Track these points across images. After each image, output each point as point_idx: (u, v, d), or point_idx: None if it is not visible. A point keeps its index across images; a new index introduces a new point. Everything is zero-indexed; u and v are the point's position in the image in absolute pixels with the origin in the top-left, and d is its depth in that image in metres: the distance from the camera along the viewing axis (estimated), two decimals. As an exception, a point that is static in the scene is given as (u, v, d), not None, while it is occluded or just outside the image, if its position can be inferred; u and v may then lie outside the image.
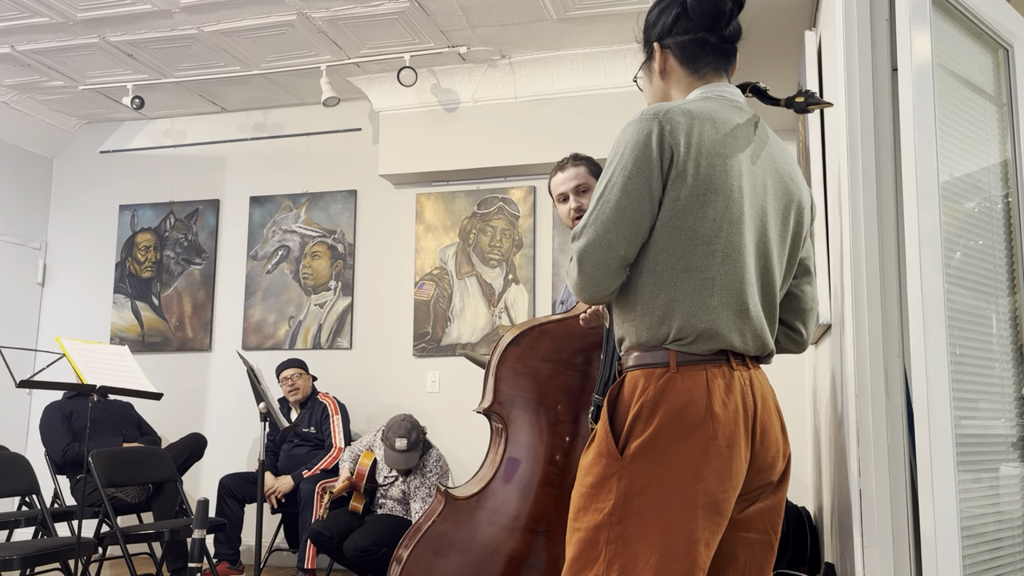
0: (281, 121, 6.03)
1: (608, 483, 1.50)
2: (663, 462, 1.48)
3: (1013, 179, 2.28)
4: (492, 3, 4.55)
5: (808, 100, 1.66)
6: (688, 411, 1.49)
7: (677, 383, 1.50)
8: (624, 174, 1.53)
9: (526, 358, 2.31)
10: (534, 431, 2.27)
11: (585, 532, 1.51)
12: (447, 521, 2.27)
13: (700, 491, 1.47)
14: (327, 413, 5.01)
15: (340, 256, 5.74)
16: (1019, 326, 2.21)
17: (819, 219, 2.93)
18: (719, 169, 1.53)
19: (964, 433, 1.89)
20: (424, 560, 2.26)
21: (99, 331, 6.11)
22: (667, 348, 1.53)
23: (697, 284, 1.53)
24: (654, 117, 1.53)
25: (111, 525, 4.12)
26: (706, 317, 1.52)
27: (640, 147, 1.52)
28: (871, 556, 1.95)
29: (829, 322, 2.68)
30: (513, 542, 2.21)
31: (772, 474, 1.60)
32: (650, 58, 1.73)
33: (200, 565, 2.85)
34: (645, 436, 1.49)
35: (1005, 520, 2.05)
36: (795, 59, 3.92)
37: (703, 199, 1.52)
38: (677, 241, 1.53)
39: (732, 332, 1.54)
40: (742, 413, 1.53)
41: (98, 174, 6.35)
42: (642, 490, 1.47)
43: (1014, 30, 2.32)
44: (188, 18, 4.75)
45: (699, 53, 1.67)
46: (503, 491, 2.27)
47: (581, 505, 1.53)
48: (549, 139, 5.20)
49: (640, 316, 1.56)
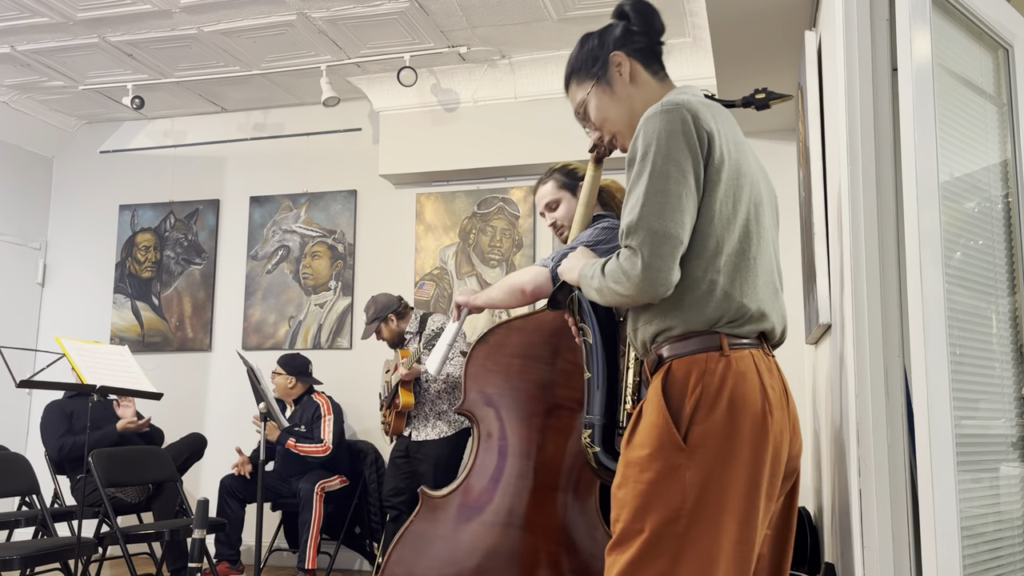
0: (281, 121, 6.03)
1: (674, 475, 1.45)
2: (729, 448, 1.45)
3: (1013, 179, 2.28)
4: (492, 3, 4.55)
5: (769, 96, 1.71)
6: (749, 396, 1.48)
7: (734, 367, 1.49)
8: (670, 162, 1.51)
9: (495, 355, 2.33)
10: (507, 426, 2.29)
11: (650, 532, 1.45)
12: (424, 520, 2.31)
13: (763, 476, 1.47)
14: (319, 412, 4.98)
15: (340, 256, 5.74)
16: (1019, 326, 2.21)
17: (819, 219, 2.93)
18: (744, 155, 1.59)
19: (964, 433, 1.89)
20: (405, 559, 2.29)
21: (99, 331, 6.11)
22: (717, 332, 1.51)
23: (743, 266, 1.54)
24: (677, 107, 1.53)
25: (111, 525, 4.12)
26: (755, 298, 1.54)
27: (678, 135, 1.51)
28: (871, 556, 1.95)
29: (829, 322, 2.68)
30: (490, 536, 2.24)
31: (798, 461, 1.61)
32: (605, 73, 1.75)
33: (200, 565, 2.85)
34: (709, 422, 1.46)
35: (1005, 520, 2.05)
36: (795, 59, 3.92)
37: (738, 183, 1.56)
38: (721, 225, 1.53)
39: (774, 313, 1.58)
40: (783, 397, 1.55)
41: (98, 174, 6.35)
42: (709, 479, 1.44)
43: (1014, 30, 2.32)
44: (188, 18, 4.75)
45: (652, 57, 1.75)
46: (478, 487, 2.30)
47: (642, 504, 1.46)
48: (549, 139, 5.20)
49: (688, 303, 1.53)
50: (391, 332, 4.59)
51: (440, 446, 4.45)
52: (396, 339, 4.62)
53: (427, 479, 4.41)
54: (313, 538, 4.63)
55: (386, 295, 4.61)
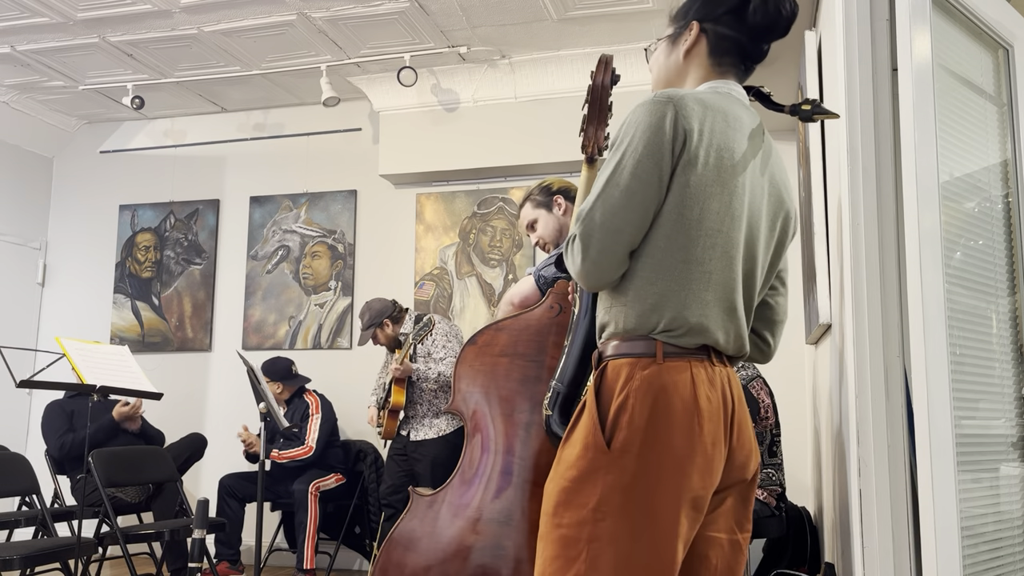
0: (281, 121, 6.03)
1: (594, 477, 1.45)
2: (650, 456, 1.44)
3: (1013, 179, 2.28)
4: (492, 3, 4.55)
5: (815, 109, 1.63)
6: (675, 405, 1.45)
7: (663, 375, 1.47)
8: (635, 157, 1.49)
9: (483, 355, 2.39)
10: (494, 424, 2.34)
11: (567, 528, 1.45)
12: (414, 519, 2.36)
13: (686, 487, 1.44)
14: (308, 412, 4.98)
15: (340, 256, 5.74)
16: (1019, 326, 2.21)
17: (819, 219, 2.93)
18: (727, 163, 1.51)
19: (964, 433, 1.89)
20: (395, 557, 2.34)
21: (99, 331, 6.11)
22: (653, 338, 1.49)
23: (695, 277, 1.50)
24: (668, 100, 1.50)
25: (111, 525, 4.12)
26: (699, 311, 1.49)
27: (652, 129, 1.49)
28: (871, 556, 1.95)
29: (829, 322, 2.68)
30: (478, 532, 2.28)
31: (746, 472, 1.58)
32: (680, 33, 1.69)
33: (200, 565, 2.85)
34: (632, 429, 1.44)
35: (1005, 520, 2.05)
36: (795, 59, 3.93)
37: (709, 191, 1.49)
38: (680, 230, 1.49)
39: (719, 329, 1.52)
40: (722, 409, 1.50)
41: (98, 174, 6.35)
42: (629, 485, 1.43)
43: (1014, 30, 2.32)
44: (188, 18, 4.75)
45: (730, 52, 1.65)
46: (467, 484, 2.35)
47: (563, 500, 1.47)
48: (549, 139, 5.20)
49: (631, 303, 1.51)
50: (387, 337, 4.59)
51: (439, 445, 4.45)
52: (393, 343, 4.62)
53: (424, 478, 4.41)
54: (310, 538, 4.62)
55: (380, 300, 4.60)
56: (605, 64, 1.96)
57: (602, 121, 1.99)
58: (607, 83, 1.97)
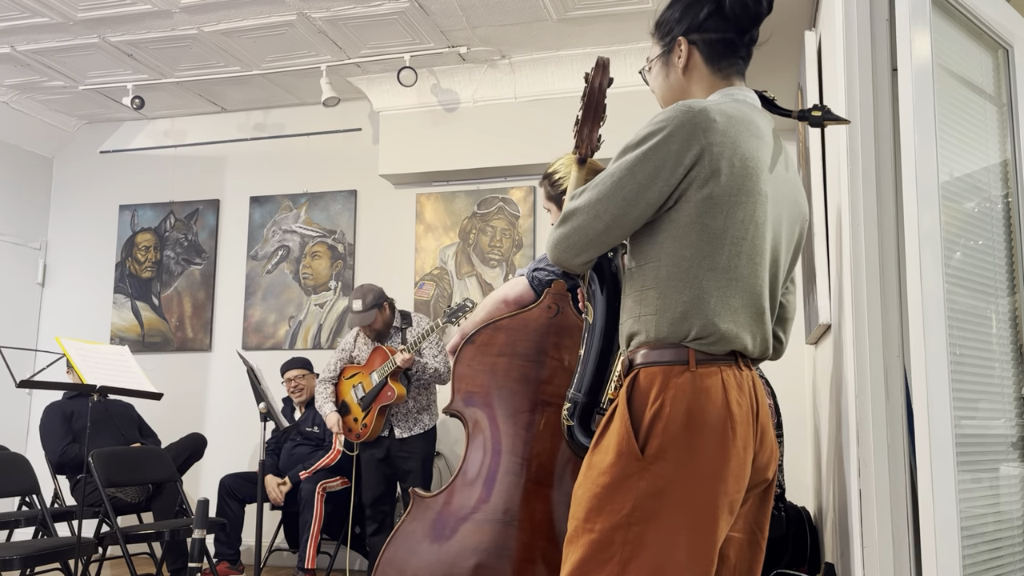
0: (281, 121, 6.03)
1: (627, 483, 1.46)
2: (686, 463, 1.45)
3: (1013, 179, 2.28)
4: (492, 3, 4.55)
5: (825, 115, 1.63)
6: (709, 411, 1.47)
7: (697, 382, 1.49)
8: (637, 156, 1.52)
9: (482, 355, 2.37)
10: (494, 424, 2.33)
11: (599, 534, 1.47)
12: (416, 520, 2.34)
13: (723, 492, 1.46)
14: None
15: (340, 256, 5.74)
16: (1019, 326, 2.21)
17: (819, 219, 2.93)
18: (752, 171, 1.53)
19: (964, 433, 1.89)
20: (397, 559, 2.32)
21: (99, 331, 6.11)
22: (685, 346, 1.51)
23: (723, 284, 1.52)
24: (688, 111, 1.51)
25: (111, 525, 4.12)
26: (729, 318, 1.52)
27: (664, 137, 1.50)
28: (871, 556, 1.95)
29: (829, 322, 2.68)
30: (482, 534, 2.27)
31: (767, 473, 1.60)
32: (670, 52, 1.70)
33: (200, 565, 2.85)
34: (667, 436, 1.46)
35: (1005, 520, 2.05)
36: (795, 59, 3.92)
37: (734, 199, 1.51)
38: (705, 239, 1.51)
39: (748, 335, 1.55)
40: (751, 413, 1.53)
41: (98, 174, 6.35)
42: (663, 491, 1.45)
43: (1014, 30, 2.32)
44: (188, 18, 4.75)
45: (725, 53, 1.66)
46: (468, 485, 2.33)
47: (595, 506, 1.49)
48: (549, 139, 5.20)
49: (662, 311, 1.53)
50: (384, 321, 4.55)
51: (426, 441, 4.46)
52: (385, 329, 4.58)
53: (415, 476, 4.40)
54: (313, 538, 4.63)
55: (372, 285, 4.57)
56: (603, 67, 1.96)
57: (596, 123, 1.99)
58: (603, 86, 1.97)
